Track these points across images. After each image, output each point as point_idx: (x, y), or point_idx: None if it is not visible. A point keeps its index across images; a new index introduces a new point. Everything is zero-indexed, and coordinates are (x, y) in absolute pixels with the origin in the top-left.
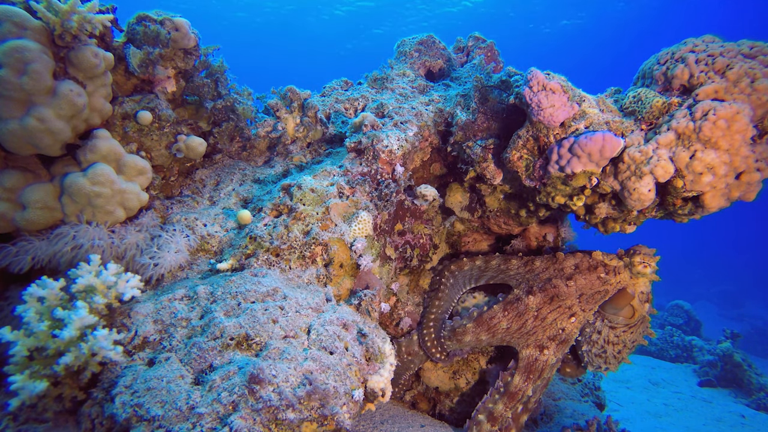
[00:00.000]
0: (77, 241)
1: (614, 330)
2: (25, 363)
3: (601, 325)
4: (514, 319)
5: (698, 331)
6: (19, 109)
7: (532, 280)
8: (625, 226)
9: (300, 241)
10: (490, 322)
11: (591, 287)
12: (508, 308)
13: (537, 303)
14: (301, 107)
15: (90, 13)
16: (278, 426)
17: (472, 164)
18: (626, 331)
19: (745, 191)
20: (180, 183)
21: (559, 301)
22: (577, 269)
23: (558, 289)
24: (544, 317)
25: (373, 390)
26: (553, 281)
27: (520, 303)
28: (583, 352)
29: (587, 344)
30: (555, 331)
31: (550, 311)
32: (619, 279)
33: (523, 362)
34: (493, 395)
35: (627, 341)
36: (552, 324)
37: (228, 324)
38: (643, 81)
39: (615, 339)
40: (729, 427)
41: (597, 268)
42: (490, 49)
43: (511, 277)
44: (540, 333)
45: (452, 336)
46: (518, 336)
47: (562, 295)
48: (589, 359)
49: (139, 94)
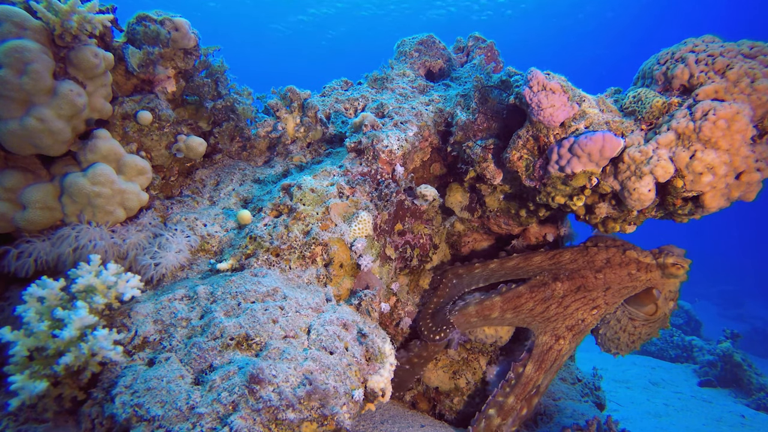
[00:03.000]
0: (79, 242)
1: (633, 322)
2: (25, 363)
3: (622, 315)
4: (540, 302)
5: (698, 331)
6: (19, 109)
7: (557, 270)
8: (625, 226)
9: (300, 241)
10: (516, 301)
11: (619, 282)
12: (534, 291)
13: (564, 290)
14: (301, 107)
15: (90, 13)
16: (278, 426)
17: (472, 164)
18: (645, 324)
19: (745, 191)
20: (180, 183)
21: (585, 292)
22: (608, 263)
23: (586, 279)
24: (567, 305)
25: (373, 390)
26: (582, 271)
27: (546, 288)
28: (599, 335)
29: (604, 328)
30: (574, 321)
31: (574, 300)
32: (649, 277)
33: (537, 350)
34: (503, 388)
35: (643, 333)
36: (573, 314)
37: (228, 324)
38: (643, 81)
39: (632, 329)
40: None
41: (629, 264)
42: (490, 49)
43: (530, 272)
44: (560, 321)
45: (480, 311)
46: (540, 320)
47: (589, 286)
48: (602, 341)
49: (139, 94)
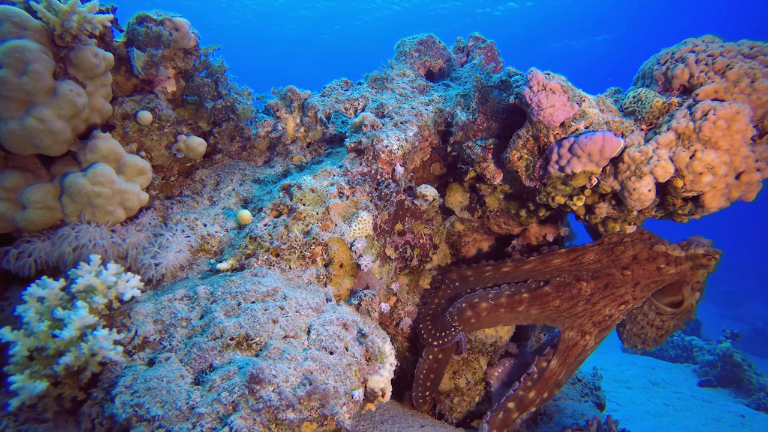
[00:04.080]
0: (79, 242)
1: (660, 316)
2: (25, 363)
3: (648, 309)
4: (566, 300)
5: (698, 331)
6: (19, 109)
7: (578, 271)
8: (625, 226)
9: (300, 241)
10: (544, 299)
11: (648, 277)
12: (560, 290)
13: (591, 288)
14: (301, 107)
15: (90, 13)
16: (278, 426)
17: (472, 164)
18: (672, 317)
19: (745, 191)
20: (180, 183)
21: (613, 289)
22: (636, 260)
23: (613, 277)
24: (595, 302)
25: (373, 390)
26: (607, 270)
27: (572, 287)
28: (624, 330)
29: (631, 323)
30: (601, 318)
31: (602, 297)
32: (678, 270)
33: (563, 345)
34: (525, 382)
35: (671, 327)
36: (601, 310)
37: (228, 324)
38: (643, 81)
39: (659, 323)
40: (729, 427)
41: (657, 259)
42: (490, 49)
43: (547, 274)
44: (587, 318)
45: (509, 304)
46: (567, 316)
47: (617, 283)
48: (627, 336)
49: (139, 94)
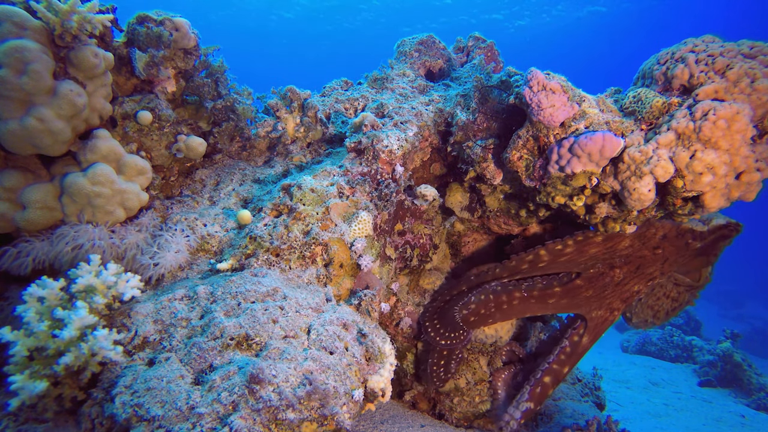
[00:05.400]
0: (78, 242)
1: (678, 287)
2: (25, 363)
3: (666, 281)
4: (598, 289)
5: (698, 331)
6: (19, 109)
7: (611, 258)
8: (625, 226)
9: (300, 241)
10: (575, 291)
11: (677, 252)
12: (593, 281)
13: (623, 273)
14: (301, 107)
15: (90, 13)
16: (278, 426)
17: (472, 164)
18: (688, 290)
19: (745, 191)
20: (180, 183)
21: (643, 269)
22: (665, 238)
23: (644, 258)
24: (625, 284)
25: (373, 390)
26: (639, 252)
27: (605, 276)
28: (638, 303)
29: (646, 296)
30: (629, 294)
31: (632, 278)
32: (702, 243)
33: (592, 323)
34: (559, 356)
35: (684, 299)
36: (629, 288)
37: (228, 324)
38: (643, 81)
39: (675, 295)
40: (729, 427)
41: (685, 235)
42: (490, 49)
43: (582, 264)
44: (616, 297)
45: (541, 296)
46: (595, 300)
47: (648, 263)
48: (639, 310)
49: (139, 94)
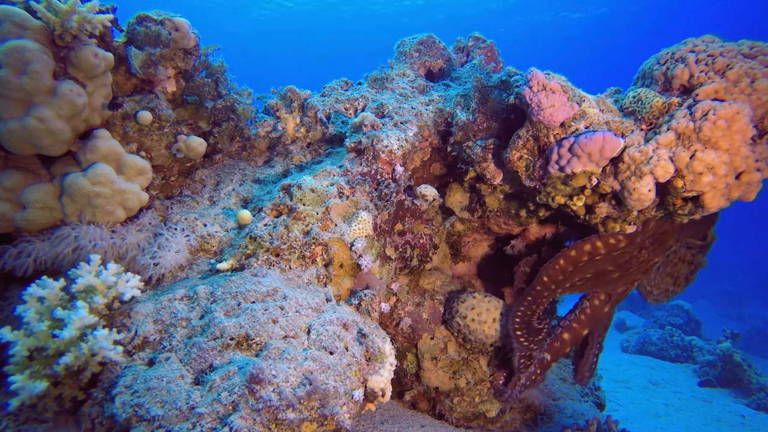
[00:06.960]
0: (78, 242)
1: (690, 250)
2: (25, 363)
3: (679, 247)
4: (625, 269)
5: (698, 331)
6: (19, 109)
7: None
8: (625, 226)
9: (300, 241)
10: (604, 275)
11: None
12: (622, 265)
13: (648, 253)
14: (301, 107)
15: (90, 13)
16: (278, 426)
17: (472, 164)
18: (700, 251)
19: (745, 191)
20: (180, 183)
21: (665, 242)
22: None
23: (665, 234)
24: (649, 259)
25: (373, 390)
26: (662, 228)
27: (633, 258)
28: (657, 275)
29: (663, 265)
30: (649, 266)
31: (656, 253)
32: None
33: (615, 296)
34: (579, 316)
35: (698, 261)
36: (650, 261)
37: (228, 324)
38: (643, 81)
39: (690, 258)
40: (729, 427)
41: None
42: (490, 49)
43: (628, 253)
44: (639, 271)
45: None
46: (621, 279)
47: (668, 236)
48: (659, 279)
49: (139, 94)
